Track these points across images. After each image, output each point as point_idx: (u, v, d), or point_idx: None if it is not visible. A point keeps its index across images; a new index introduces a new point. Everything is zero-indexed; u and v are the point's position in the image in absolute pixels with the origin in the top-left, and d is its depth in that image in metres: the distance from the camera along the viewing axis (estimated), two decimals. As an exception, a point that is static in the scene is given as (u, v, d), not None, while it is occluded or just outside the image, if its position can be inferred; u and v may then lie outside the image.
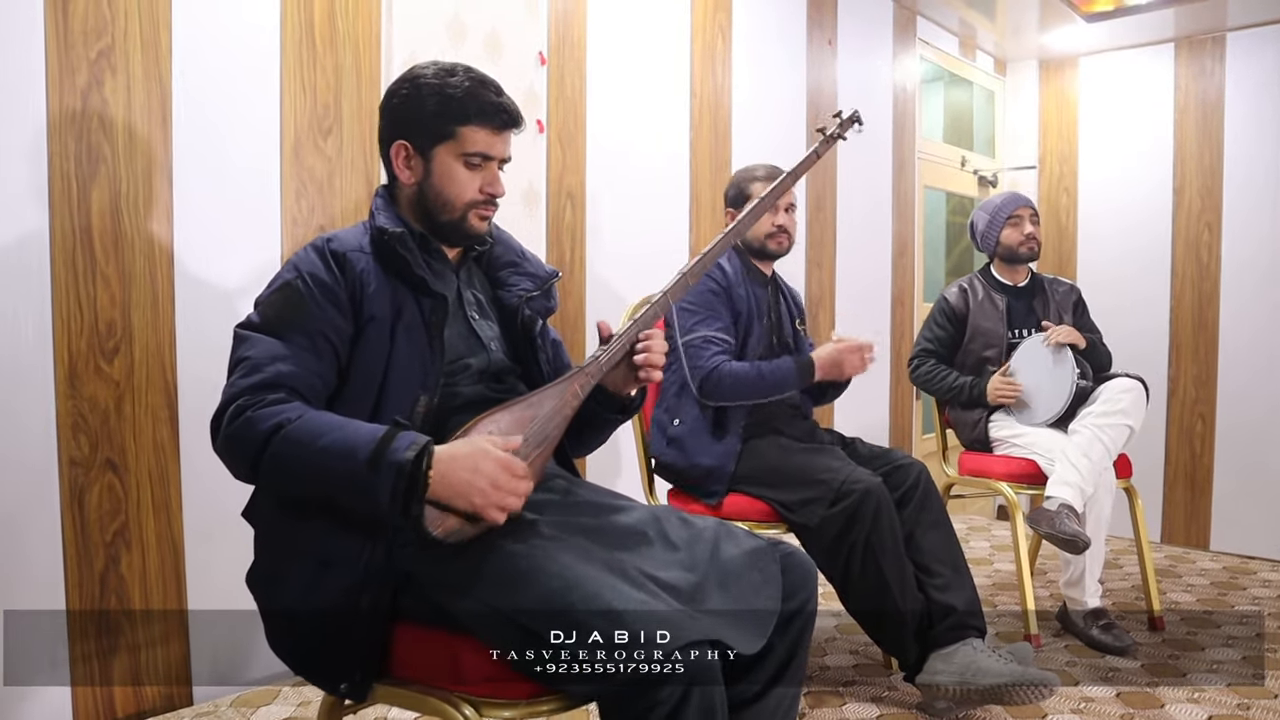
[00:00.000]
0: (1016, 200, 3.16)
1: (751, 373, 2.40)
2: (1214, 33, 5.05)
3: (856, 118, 2.07)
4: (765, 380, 2.40)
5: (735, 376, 2.38)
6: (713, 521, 1.55)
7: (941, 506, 2.36)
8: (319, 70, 2.50)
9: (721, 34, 3.68)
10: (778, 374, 2.41)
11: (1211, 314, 5.18)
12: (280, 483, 1.31)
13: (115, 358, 2.17)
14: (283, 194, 2.45)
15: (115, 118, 2.14)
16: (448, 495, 1.26)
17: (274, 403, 1.30)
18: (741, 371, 2.39)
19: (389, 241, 1.44)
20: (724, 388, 2.37)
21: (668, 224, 3.49)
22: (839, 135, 2.04)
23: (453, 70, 1.51)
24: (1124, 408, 2.75)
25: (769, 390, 2.40)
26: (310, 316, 1.38)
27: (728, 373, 2.38)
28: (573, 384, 1.45)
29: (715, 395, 2.38)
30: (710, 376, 2.37)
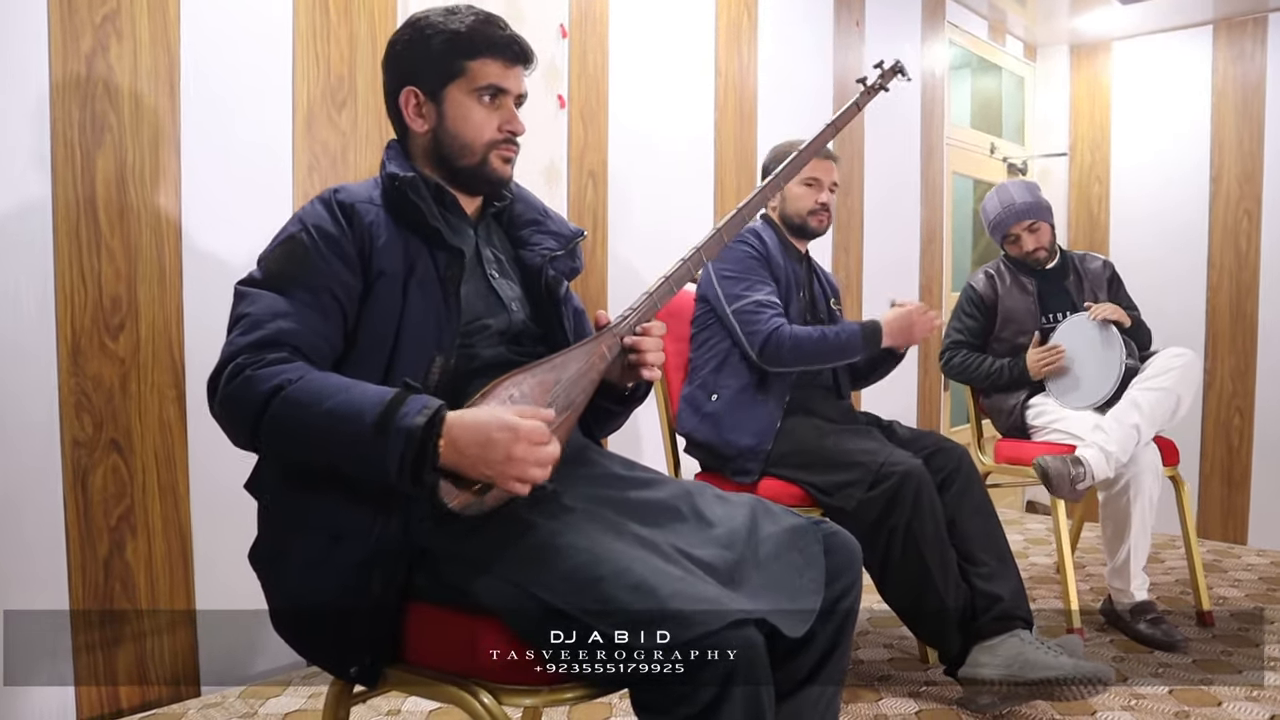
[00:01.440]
0: (1008, 218, 2.97)
1: (815, 335, 2.29)
2: (1255, 14, 4.91)
3: (900, 68, 1.96)
4: (829, 342, 2.29)
5: (797, 338, 2.27)
6: (749, 497, 1.44)
7: (984, 492, 2.24)
8: (333, 40, 2.41)
9: (747, 11, 3.58)
10: (842, 336, 2.30)
11: (1250, 305, 5.03)
12: (281, 449, 1.21)
13: (120, 334, 2.09)
14: (294, 168, 2.36)
15: (121, 85, 2.06)
16: (462, 465, 1.15)
17: (275, 362, 1.19)
18: (804, 334, 2.28)
19: (400, 188, 1.34)
20: (785, 350, 2.26)
21: (691, 207, 3.39)
22: (881, 86, 1.94)
23: (454, 9, 1.42)
24: (1173, 374, 2.60)
25: (834, 354, 2.29)
26: (315, 271, 1.28)
27: (789, 335, 2.26)
28: (599, 345, 1.34)
29: (777, 359, 2.27)
30: (772, 338, 2.26)
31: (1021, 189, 2.98)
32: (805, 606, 1.31)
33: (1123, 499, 2.58)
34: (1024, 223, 2.96)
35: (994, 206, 3.01)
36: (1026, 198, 2.96)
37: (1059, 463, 2.50)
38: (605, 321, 1.38)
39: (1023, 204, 2.95)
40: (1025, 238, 2.97)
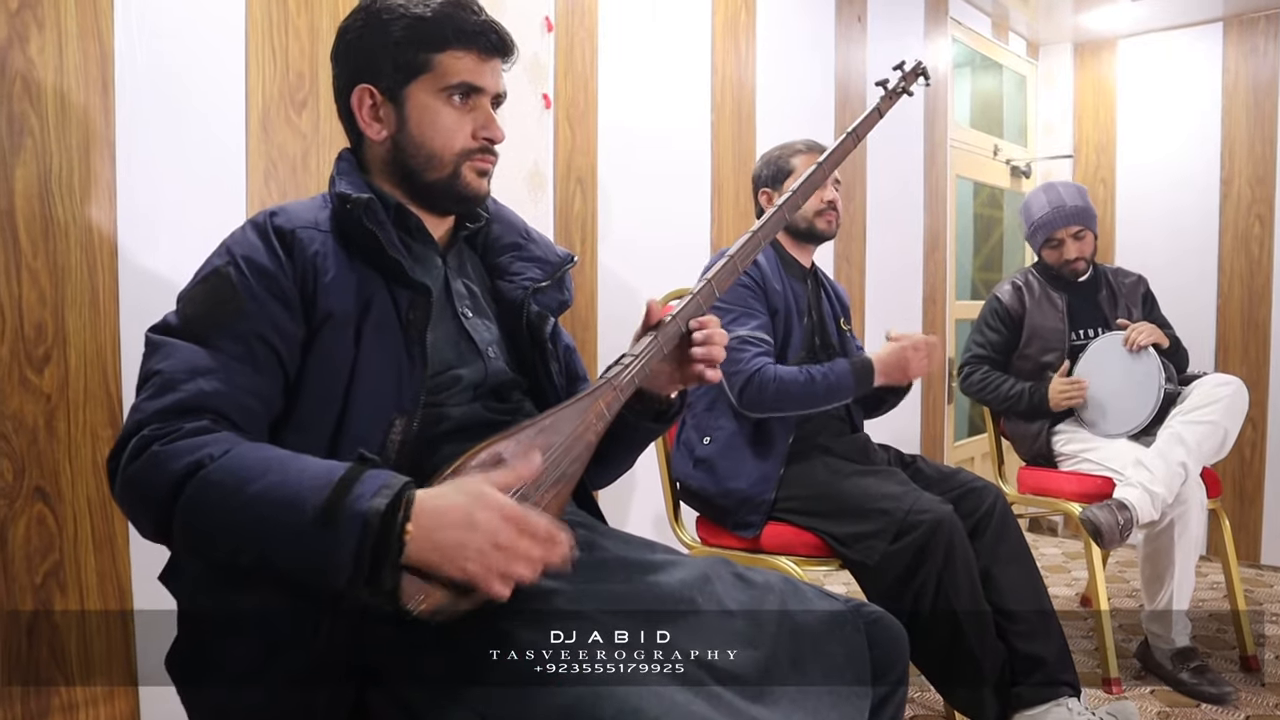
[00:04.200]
0: (1056, 220, 2.76)
1: (800, 377, 2.05)
2: (1268, 10, 4.72)
3: (922, 70, 1.76)
4: (816, 385, 2.05)
5: (781, 381, 2.03)
6: (776, 576, 1.21)
7: (1021, 537, 2.01)
8: (291, 32, 2.16)
9: (745, 6, 3.35)
10: (831, 378, 2.06)
11: (1263, 312, 4.85)
12: (200, 547, 0.96)
13: (46, 367, 1.83)
14: (249, 175, 2.11)
15: (43, 81, 1.80)
16: (433, 559, 0.91)
17: (192, 433, 0.95)
18: (788, 376, 2.04)
19: (353, 212, 1.09)
20: (768, 394, 2.02)
21: (687, 214, 3.16)
22: (904, 89, 1.73)
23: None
24: (1219, 405, 2.40)
25: (822, 398, 2.05)
26: (244, 315, 1.03)
27: (772, 377, 2.03)
28: (597, 402, 1.10)
29: (757, 404, 2.03)
30: (752, 381, 2.02)
31: (1073, 191, 2.77)
32: (848, 712, 1.08)
33: (1165, 538, 2.37)
34: (1072, 228, 2.75)
35: (1040, 205, 2.78)
36: (1078, 201, 2.75)
37: (1108, 514, 2.28)
38: (658, 313, 1.16)
39: (1073, 207, 2.74)
40: (1069, 244, 2.76)
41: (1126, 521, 2.28)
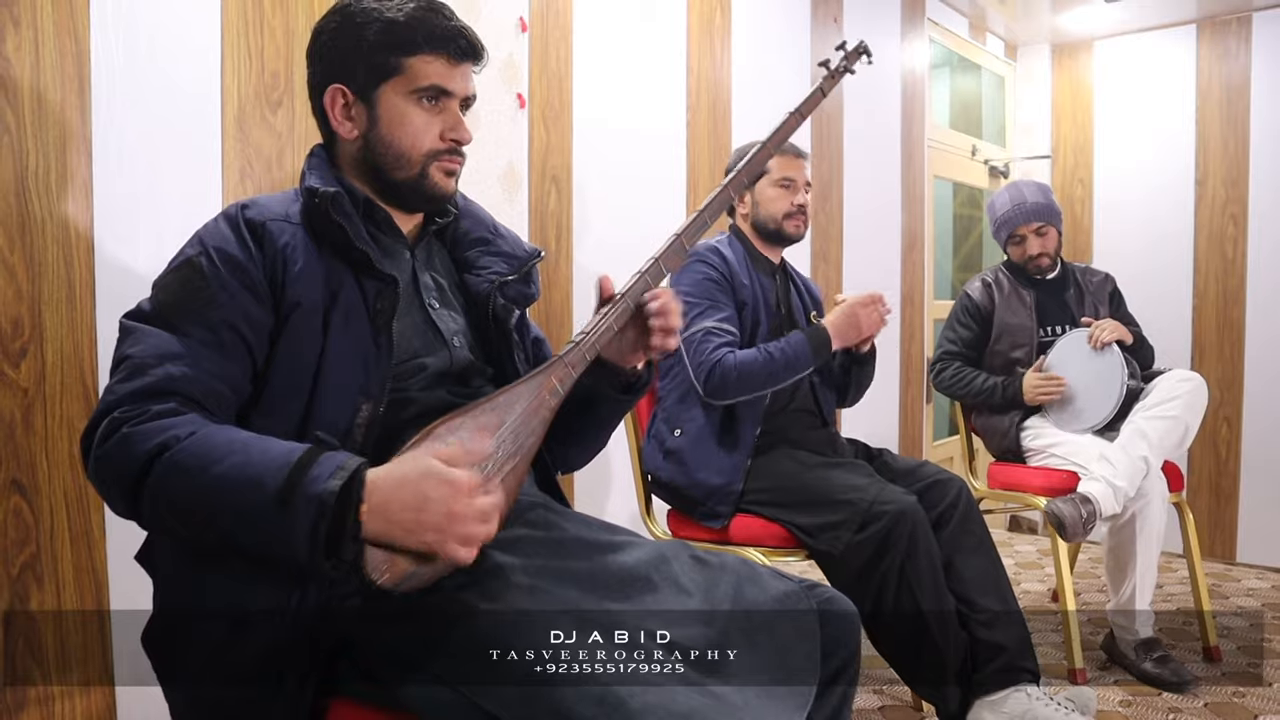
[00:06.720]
0: (1017, 217, 2.81)
1: (760, 357, 2.08)
2: (1239, 13, 4.78)
3: (864, 49, 1.81)
4: (775, 361, 2.08)
5: (742, 366, 2.07)
6: (732, 559, 1.24)
7: (984, 529, 2.06)
8: (266, 32, 2.18)
9: (720, 5, 3.39)
10: (789, 350, 2.09)
11: (1237, 312, 4.90)
12: (167, 524, 1.00)
13: (22, 361, 1.85)
14: (224, 173, 2.13)
15: (20, 80, 1.82)
16: (392, 534, 0.95)
17: (160, 415, 0.98)
18: (748, 359, 2.08)
19: (320, 205, 1.13)
20: (730, 381, 2.06)
21: (663, 212, 3.18)
22: (846, 68, 1.78)
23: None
24: (1180, 401, 2.44)
25: (783, 372, 2.08)
26: (214, 303, 1.06)
27: (733, 364, 2.06)
28: (549, 378, 1.14)
29: (722, 391, 2.07)
30: (714, 371, 2.06)
31: (1035, 189, 2.82)
32: (798, 689, 1.11)
33: (1128, 531, 2.42)
34: (1033, 225, 2.80)
35: (1003, 203, 2.84)
36: (1039, 198, 2.79)
37: (1071, 507, 2.32)
38: (611, 288, 1.21)
39: (1034, 204, 2.78)
40: (1032, 240, 2.80)
41: (1090, 514, 2.32)
